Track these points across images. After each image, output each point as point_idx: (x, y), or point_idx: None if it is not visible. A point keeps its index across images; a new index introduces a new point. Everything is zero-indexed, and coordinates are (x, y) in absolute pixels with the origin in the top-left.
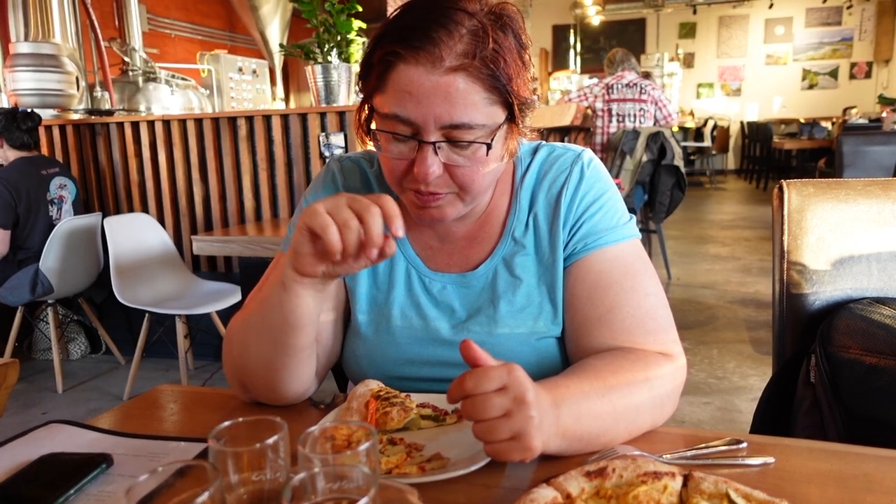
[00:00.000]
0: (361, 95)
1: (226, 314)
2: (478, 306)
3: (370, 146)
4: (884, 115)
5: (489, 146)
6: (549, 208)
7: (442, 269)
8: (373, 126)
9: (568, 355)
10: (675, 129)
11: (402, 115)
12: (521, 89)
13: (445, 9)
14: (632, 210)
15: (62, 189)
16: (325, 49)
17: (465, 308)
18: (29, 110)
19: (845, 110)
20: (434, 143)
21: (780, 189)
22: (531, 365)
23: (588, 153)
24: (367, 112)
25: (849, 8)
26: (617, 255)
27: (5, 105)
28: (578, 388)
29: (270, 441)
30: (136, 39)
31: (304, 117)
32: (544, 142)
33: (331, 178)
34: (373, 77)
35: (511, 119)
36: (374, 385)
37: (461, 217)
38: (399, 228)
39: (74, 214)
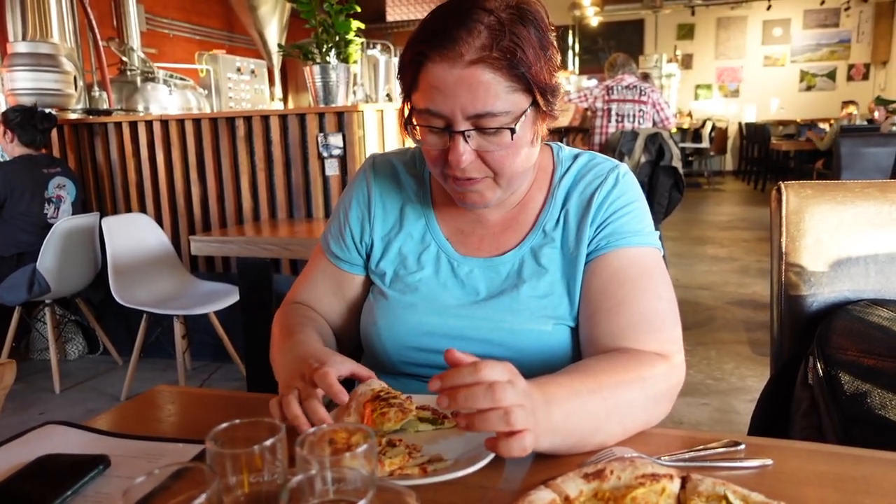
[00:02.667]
0: (403, 94)
1: (224, 314)
2: (502, 289)
3: (409, 142)
4: (875, 115)
5: (513, 131)
6: (581, 207)
7: (471, 254)
8: (414, 121)
9: (580, 346)
10: (674, 130)
11: (433, 109)
12: (542, 76)
13: (466, 9)
14: None
15: (61, 189)
16: (324, 49)
17: (490, 290)
18: (47, 111)
19: (845, 104)
20: (464, 133)
21: (779, 191)
22: (544, 350)
23: (625, 166)
24: (407, 109)
25: (846, 10)
26: (636, 256)
27: (2, 106)
28: (570, 386)
29: (268, 443)
30: (135, 39)
31: (302, 118)
32: (585, 150)
33: (363, 177)
34: (407, 77)
35: (536, 105)
36: (377, 385)
37: (499, 204)
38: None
39: (73, 214)
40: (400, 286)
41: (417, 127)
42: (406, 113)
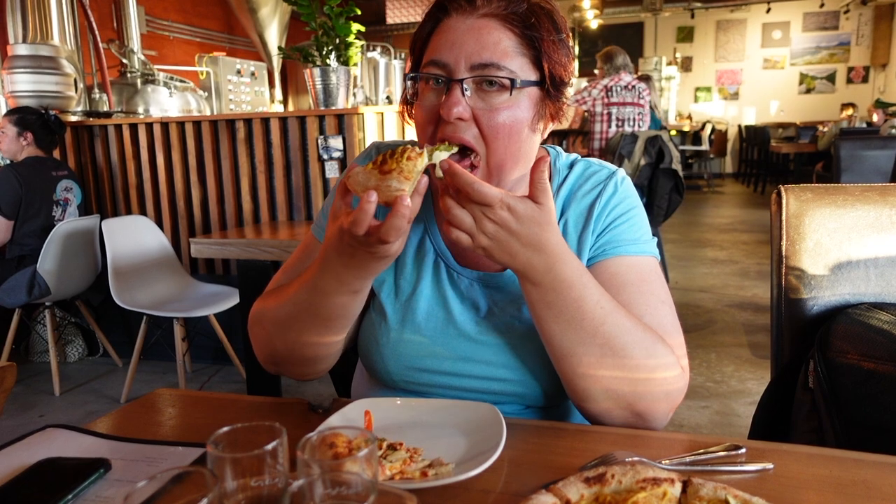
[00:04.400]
0: (408, 79)
1: (224, 317)
2: (503, 306)
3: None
4: (874, 118)
5: (513, 83)
6: (581, 217)
7: (470, 266)
8: (413, 93)
9: None
10: (674, 132)
11: (437, 58)
12: (554, 54)
13: None
14: None
15: (67, 192)
16: (324, 52)
17: (491, 306)
18: (55, 115)
19: (844, 106)
20: (462, 82)
21: (779, 194)
22: (550, 366)
23: (622, 171)
24: (410, 90)
25: (846, 12)
26: (633, 263)
27: (2, 108)
28: (596, 289)
29: (269, 447)
30: (135, 41)
31: (302, 120)
32: (580, 157)
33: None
34: (421, 38)
35: (543, 85)
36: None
37: None
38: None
39: (79, 217)
40: (401, 307)
41: (418, 90)
42: (409, 93)
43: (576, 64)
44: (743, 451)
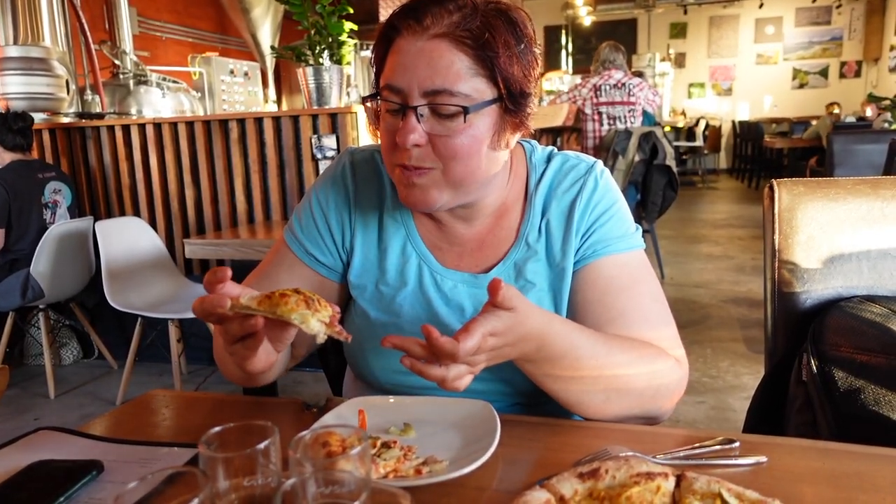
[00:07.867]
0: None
1: None
2: None
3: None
4: (867, 112)
5: (466, 110)
6: (563, 216)
7: (454, 267)
8: (377, 108)
9: None
10: (668, 128)
11: (392, 83)
12: (511, 69)
13: None
14: None
15: (56, 194)
16: (317, 51)
17: (476, 308)
18: (19, 111)
19: (829, 106)
20: (416, 109)
21: (771, 188)
22: None
23: (600, 164)
24: (376, 101)
25: (838, 7)
26: (626, 262)
27: None
28: (587, 342)
29: (261, 446)
30: (127, 42)
31: (295, 119)
32: (556, 149)
33: (340, 174)
34: (378, 55)
35: (501, 101)
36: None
37: (465, 218)
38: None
39: (70, 219)
40: (383, 307)
41: (378, 115)
42: (373, 103)
43: (537, 69)
44: (737, 444)
